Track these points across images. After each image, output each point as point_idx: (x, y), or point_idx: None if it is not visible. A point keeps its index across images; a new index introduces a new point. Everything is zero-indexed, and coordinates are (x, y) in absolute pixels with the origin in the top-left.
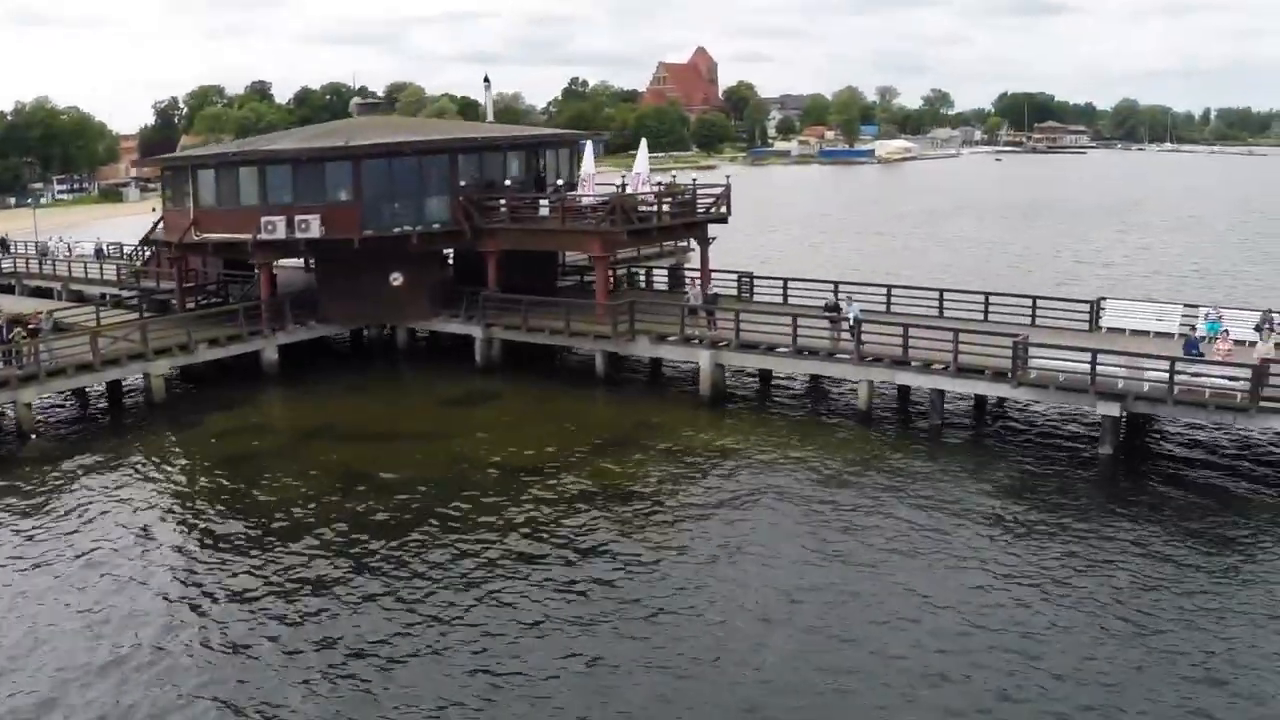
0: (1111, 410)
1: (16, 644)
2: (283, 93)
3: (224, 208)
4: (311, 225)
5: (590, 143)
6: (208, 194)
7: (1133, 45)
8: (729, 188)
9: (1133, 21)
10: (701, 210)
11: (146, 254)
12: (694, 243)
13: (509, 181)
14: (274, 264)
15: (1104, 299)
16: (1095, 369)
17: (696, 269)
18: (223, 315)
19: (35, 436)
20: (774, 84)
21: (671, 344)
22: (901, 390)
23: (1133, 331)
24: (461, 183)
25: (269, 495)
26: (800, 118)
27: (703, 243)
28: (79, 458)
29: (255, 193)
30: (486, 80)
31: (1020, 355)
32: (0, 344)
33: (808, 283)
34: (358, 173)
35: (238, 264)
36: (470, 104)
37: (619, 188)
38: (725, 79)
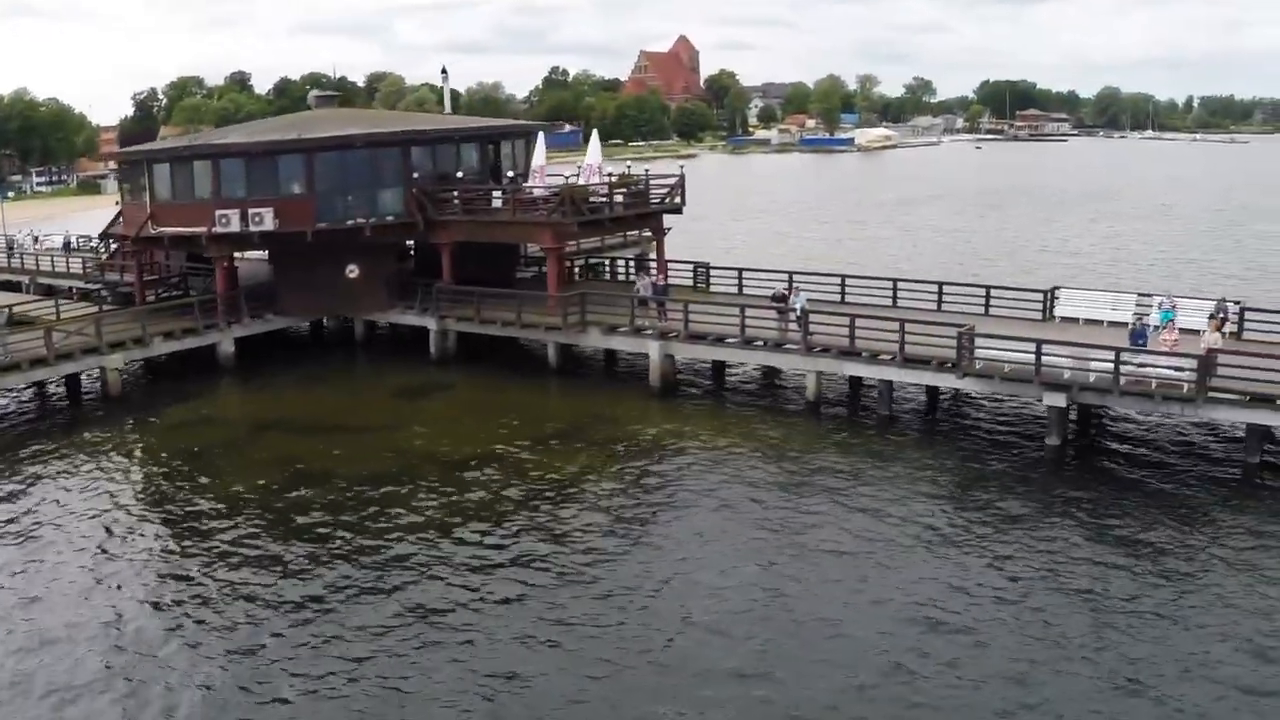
0: (1058, 401)
1: None
2: (264, 83)
3: (179, 201)
4: (265, 218)
5: (542, 134)
6: (163, 188)
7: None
8: (683, 178)
9: (1117, 10)
10: (655, 201)
11: (113, 247)
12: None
13: (461, 173)
14: (239, 257)
15: (1058, 288)
16: (1040, 359)
17: (644, 259)
18: (181, 308)
19: None
20: (758, 73)
21: (622, 335)
22: (853, 381)
23: (1087, 321)
24: (414, 174)
25: (214, 490)
26: (782, 106)
27: (658, 233)
28: (33, 451)
29: (209, 186)
30: (444, 72)
31: (966, 346)
32: None
33: (763, 273)
34: (310, 166)
35: (202, 257)
36: (452, 93)
37: (567, 179)
38: (709, 68)
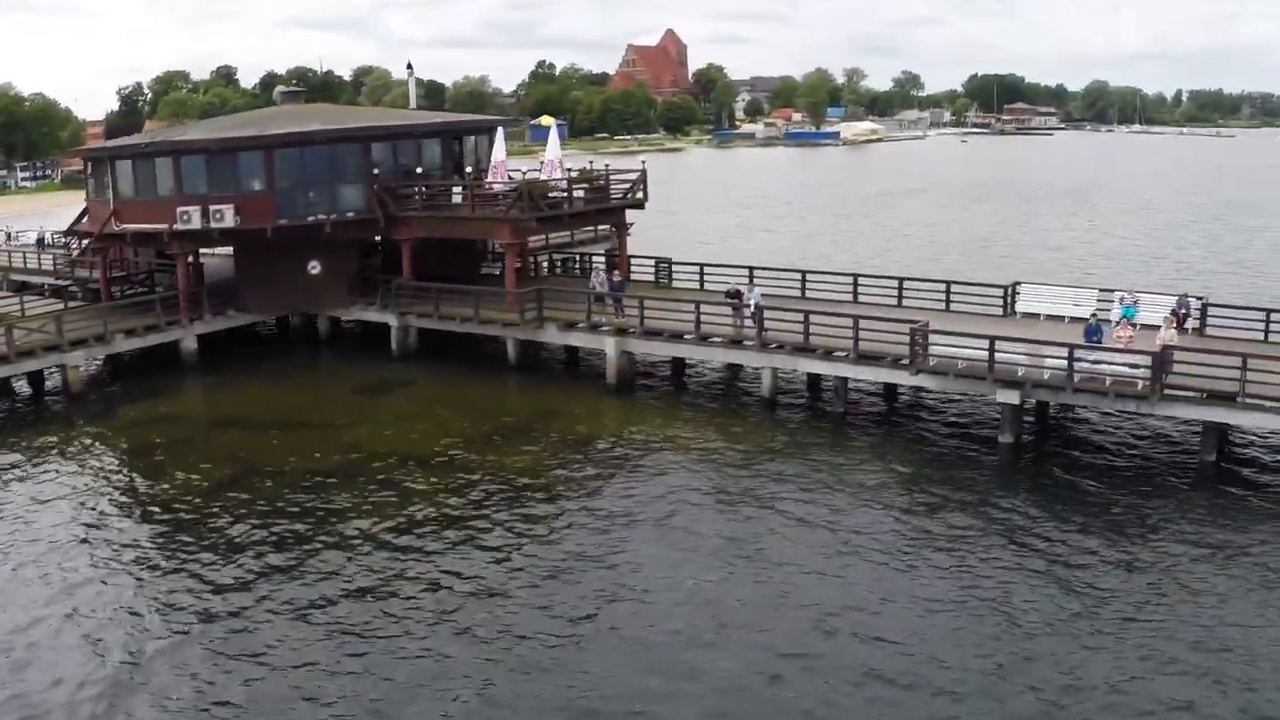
0: (1011, 398)
1: None
2: (253, 78)
3: (142, 198)
4: (226, 215)
5: (501, 129)
6: (126, 185)
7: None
8: (644, 173)
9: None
10: (617, 196)
11: (83, 243)
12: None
13: (421, 169)
14: (209, 253)
15: (1019, 283)
16: (994, 356)
17: (614, 254)
18: (144, 305)
19: None
20: (749, 66)
21: (579, 331)
22: (812, 378)
23: (1048, 316)
24: (375, 170)
25: (165, 488)
26: (770, 100)
27: (620, 229)
28: None
29: (171, 183)
30: (410, 67)
31: (919, 342)
32: None
33: (725, 268)
34: (270, 162)
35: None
36: (437, 87)
37: (525, 174)
38: (700, 62)
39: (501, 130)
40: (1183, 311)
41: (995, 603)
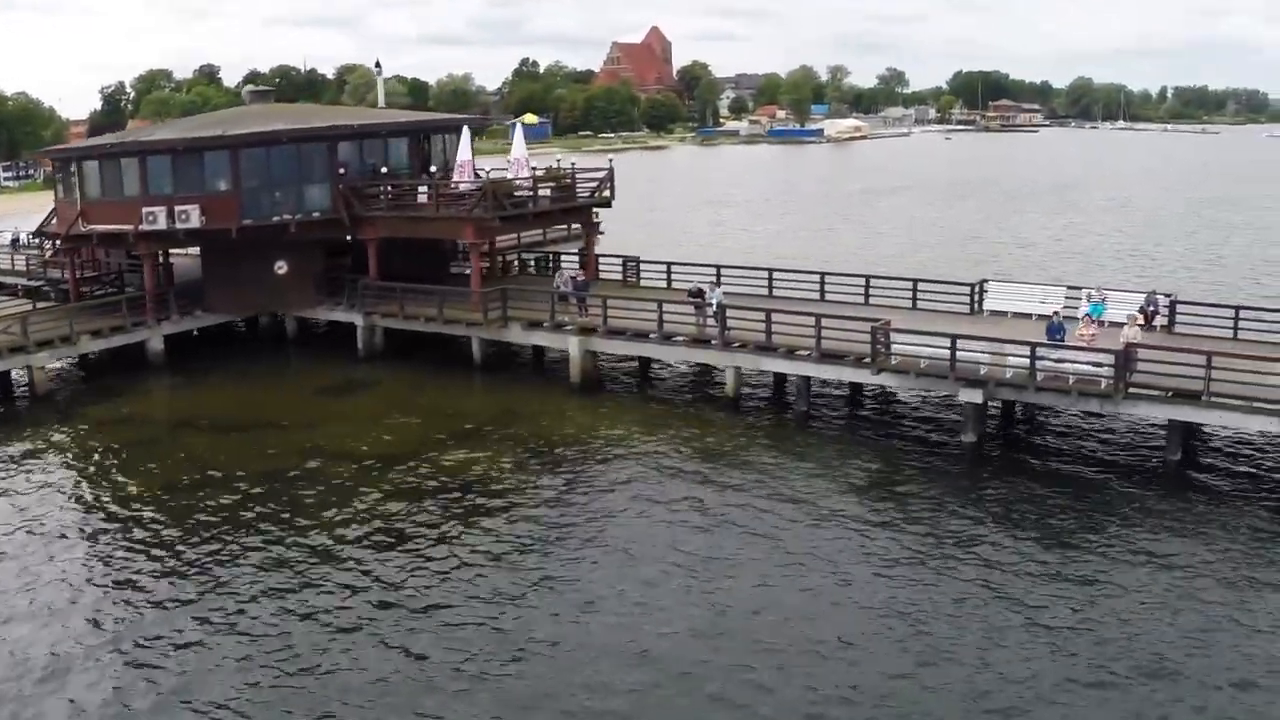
0: (974, 397)
1: None
2: (237, 76)
3: (108, 199)
4: (191, 215)
5: (466, 128)
6: (93, 185)
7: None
8: (611, 172)
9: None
10: (584, 195)
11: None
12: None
13: (385, 169)
14: (180, 253)
15: (986, 281)
16: (955, 355)
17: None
18: (112, 306)
19: None
20: (735, 63)
21: (543, 330)
22: (777, 377)
23: (1015, 314)
24: (341, 170)
25: (120, 490)
26: (754, 97)
27: (588, 228)
28: None
29: (137, 184)
30: (378, 65)
31: (881, 341)
32: None
33: (692, 266)
34: (236, 162)
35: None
36: (421, 85)
37: (488, 173)
38: (686, 58)
39: (467, 129)
40: (1151, 309)
41: (945, 612)
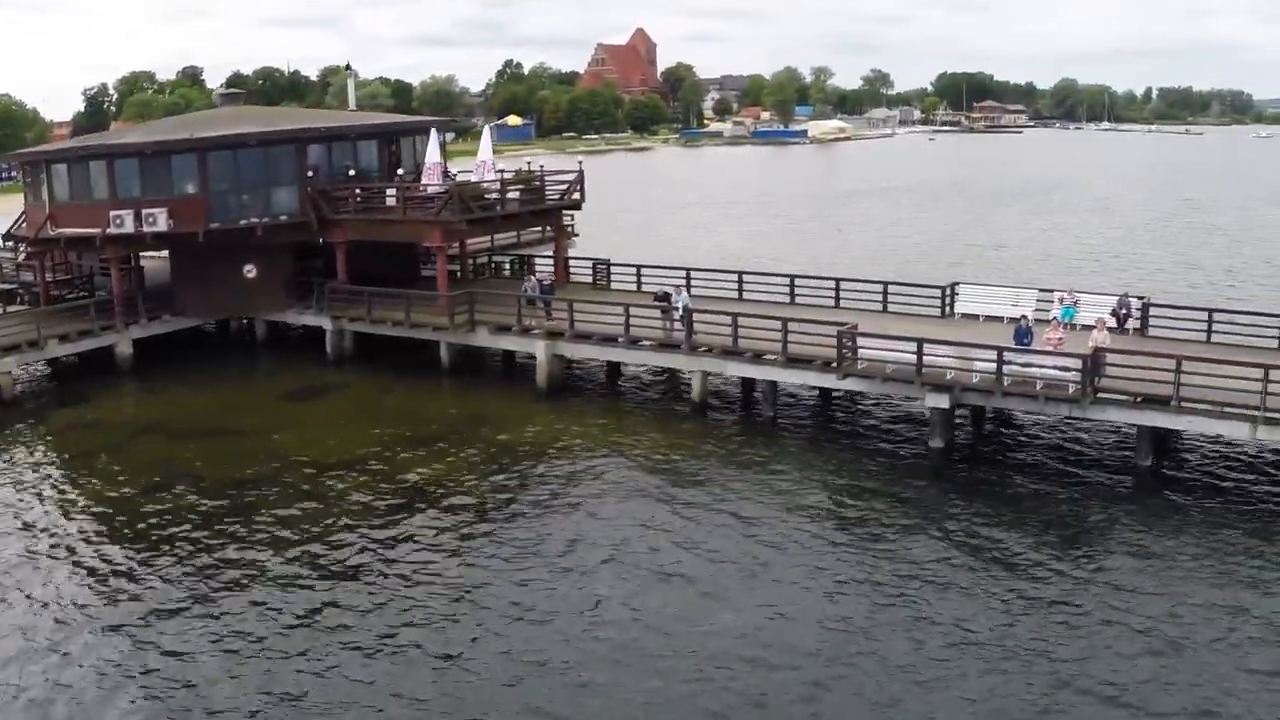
0: (941, 402)
1: None
2: (221, 77)
3: (76, 202)
4: (159, 219)
5: (435, 130)
6: (61, 189)
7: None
8: (581, 174)
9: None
10: (554, 197)
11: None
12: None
13: (353, 171)
14: (153, 256)
15: (957, 284)
16: (922, 359)
17: (549, 256)
18: (81, 310)
19: None
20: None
21: (510, 335)
22: (745, 382)
23: (987, 318)
24: (309, 173)
25: (82, 496)
26: (739, 98)
27: (558, 230)
28: None
29: (105, 187)
30: (349, 67)
31: (847, 345)
32: None
33: (662, 269)
34: (203, 165)
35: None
36: (404, 87)
37: (454, 176)
38: (671, 60)
39: (435, 131)
40: (1123, 312)
41: (904, 624)
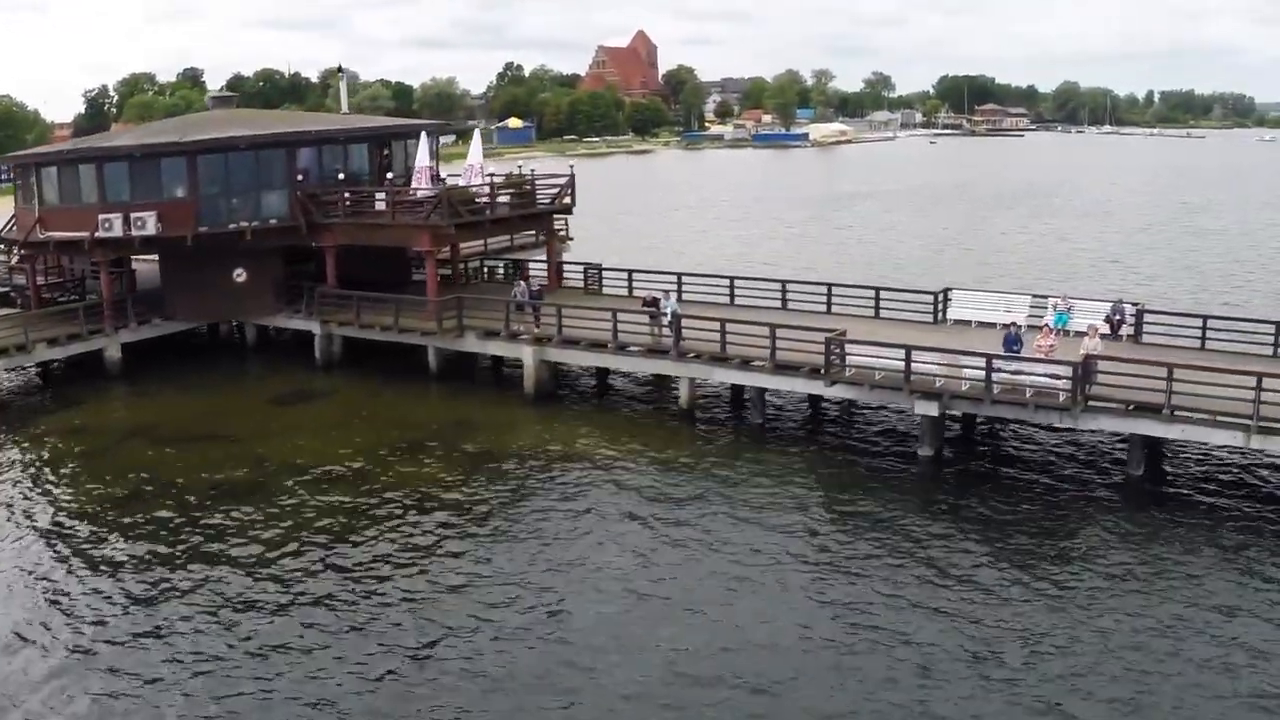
0: (929, 410)
1: None
2: (221, 79)
3: (66, 205)
4: (148, 222)
5: (425, 134)
6: (51, 192)
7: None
8: (572, 178)
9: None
10: (544, 201)
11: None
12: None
13: (342, 175)
14: (147, 259)
15: (950, 289)
16: (910, 366)
17: (543, 260)
18: (70, 313)
19: None
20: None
21: (498, 340)
22: (735, 388)
23: (979, 324)
24: (300, 177)
25: (63, 502)
26: (740, 101)
27: (550, 235)
28: None
29: (94, 190)
30: (340, 70)
31: (835, 352)
32: None
33: (654, 274)
34: (193, 168)
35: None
36: (405, 89)
37: (444, 180)
38: (671, 62)
39: (425, 135)
40: (1117, 318)
41: (888, 641)
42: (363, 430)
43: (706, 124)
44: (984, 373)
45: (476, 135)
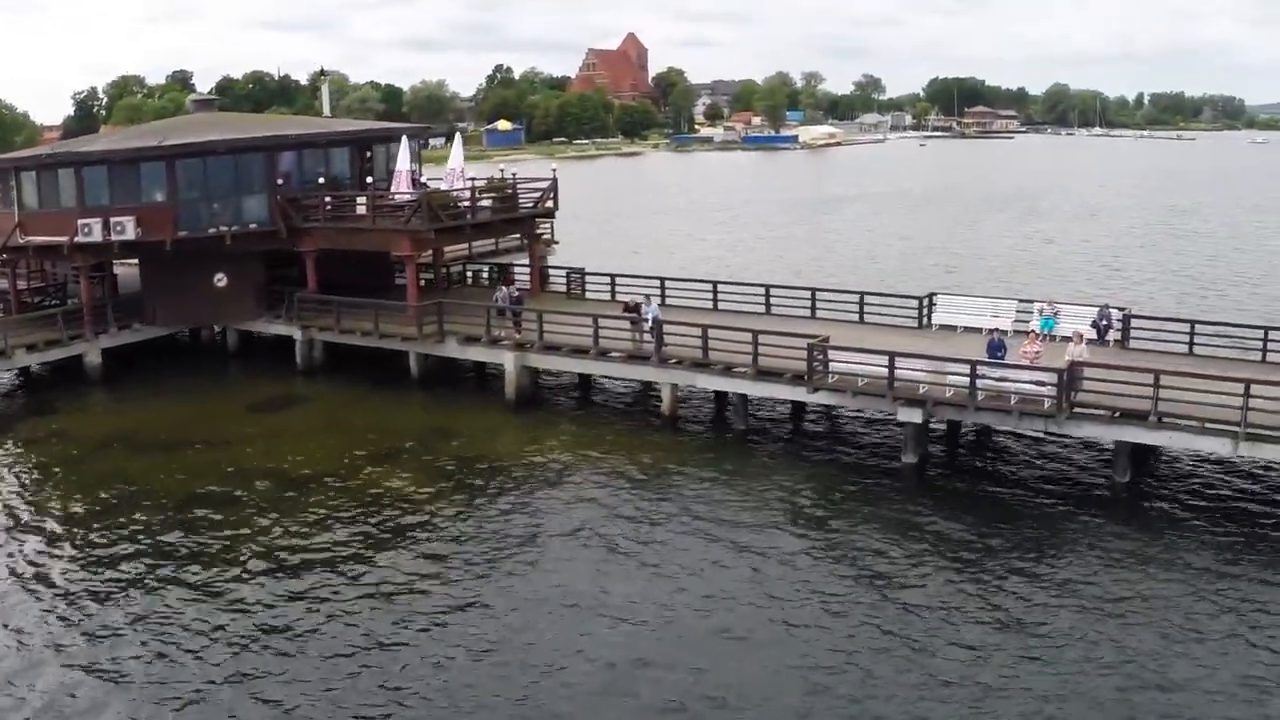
0: (913, 417)
1: None
2: (212, 81)
3: (45, 210)
4: (127, 227)
5: (405, 138)
6: (31, 196)
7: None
8: (555, 182)
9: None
10: (527, 206)
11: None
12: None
13: (323, 179)
14: (129, 263)
15: (935, 294)
16: (894, 373)
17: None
18: (49, 319)
19: None
20: (712, 70)
21: (479, 346)
22: (718, 394)
23: (965, 329)
24: (280, 181)
25: (37, 510)
26: (730, 104)
27: (532, 239)
28: None
29: (73, 195)
30: (323, 72)
31: (818, 358)
32: None
33: (637, 279)
34: (172, 172)
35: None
36: (395, 92)
37: (425, 183)
38: (662, 65)
39: (406, 139)
40: (1104, 323)
41: (866, 652)
42: (344, 436)
43: (696, 126)
44: (968, 379)
45: (458, 139)
